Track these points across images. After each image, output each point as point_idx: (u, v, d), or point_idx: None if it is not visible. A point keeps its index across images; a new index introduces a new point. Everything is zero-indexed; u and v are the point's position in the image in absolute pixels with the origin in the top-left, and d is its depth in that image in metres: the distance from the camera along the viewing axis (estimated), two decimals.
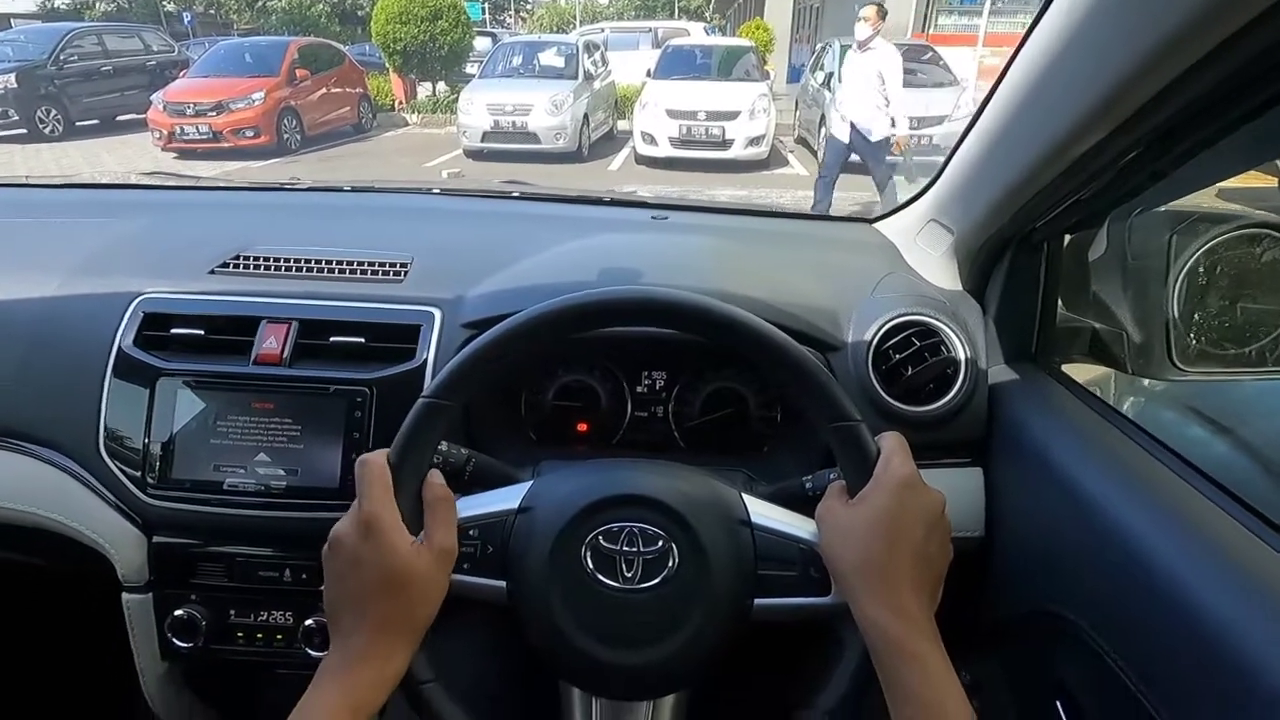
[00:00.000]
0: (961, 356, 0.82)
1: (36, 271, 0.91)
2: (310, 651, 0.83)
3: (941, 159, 0.90)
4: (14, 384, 0.85)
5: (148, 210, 1.08)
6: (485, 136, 8.40)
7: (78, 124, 10.22)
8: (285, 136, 9.14)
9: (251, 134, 8.75)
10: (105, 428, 0.82)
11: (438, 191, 1.24)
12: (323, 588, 0.57)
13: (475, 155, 8.60)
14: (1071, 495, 0.68)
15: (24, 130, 9.63)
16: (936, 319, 0.84)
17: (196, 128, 8.60)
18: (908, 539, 0.54)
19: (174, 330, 0.84)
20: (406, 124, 11.47)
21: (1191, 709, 0.50)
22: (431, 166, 8.35)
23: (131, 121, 10.33)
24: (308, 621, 0.83)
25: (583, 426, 0.92)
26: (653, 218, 1.11)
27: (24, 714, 1.35)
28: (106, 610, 0.87)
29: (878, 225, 1.11)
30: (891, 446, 0.58)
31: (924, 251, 0.95)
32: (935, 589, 0.55)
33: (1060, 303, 0.88)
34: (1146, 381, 0.89)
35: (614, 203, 1.20)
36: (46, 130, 9.80)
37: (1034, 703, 0.74)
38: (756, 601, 0.59)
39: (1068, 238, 0.84)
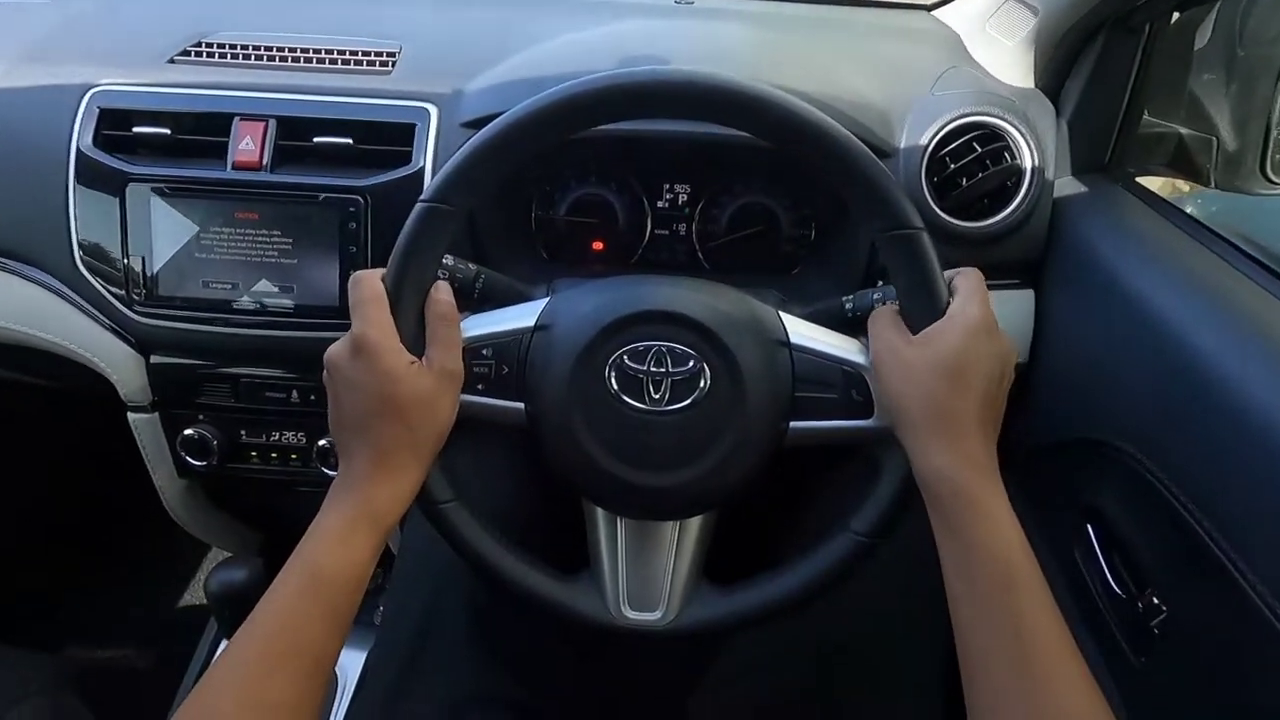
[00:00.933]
0: (1028, 165, 0.73)
1: None
2: (326, 470, 0.83)
3: None
4: None
5: None
6: None
7: None
8: None
9: None
10: (79, 242, 0.75)
11: None
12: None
13: None
14: (1139, 317, 0.62)
15: None
16: (1004, 119, 0.73)
17: None
18: (979, 385, 0.49)
19: (136, 129, 0.74)
20: None
21: (1256, 533, 0.48)
22: None
23: None
24: (321, 442, 0.82)
25: (598, 245, 0.85)
26: (676, 2, 0.96)
27: (57, 530, 1.43)
28: (120, 429, 0.86)
29: (936, 13, 0.96)
30: (972, 286, 0.52)
31: (994, 40, 0.82)
32: (996, 435, 0.51)
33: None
34: (1231, 197, 0.80)
35: None
36: None
37: (1058, 527, 0.74)
38: (793, 424, 0.56)
39: (1174, 19, 0.71)
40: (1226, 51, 0.74)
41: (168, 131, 0.74)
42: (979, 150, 0.73)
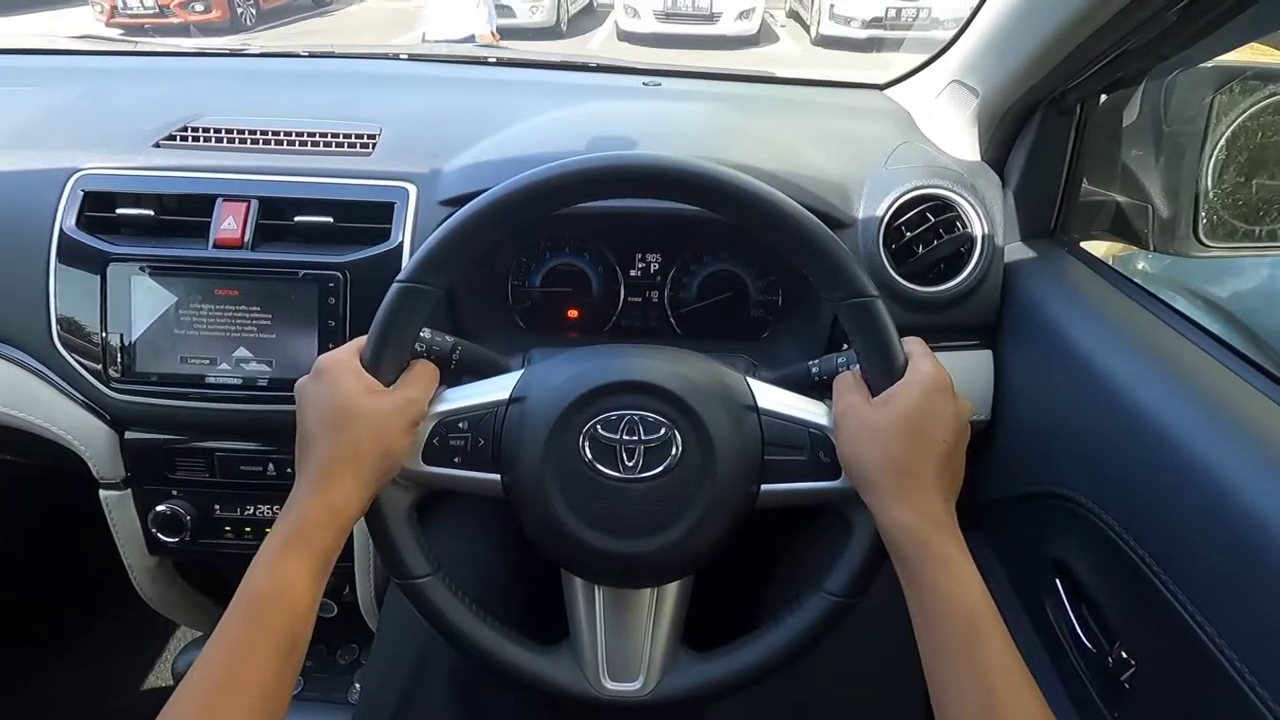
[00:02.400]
0: (978, 233, 0.77)
1: None
2: None
3: (941, 33, 0.82)
4: None
5: (79, 77, 0.97)
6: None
7: None
8: (239, 11, 8.42)
9: (201, 8, 8.05)
10: (58, 319, 0.76)
11: (405, 57, 1.12)
12: None
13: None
14: (1089, 374, 0.65)
15: None
16: (954, 192, 0.78)
17: (141, 1, 7.88)
18: (937, 443, 0.51)
19: (120, 210, 0.76)
20: None
21: (1213, 587, 0.49)
22: (401, 43, 7.78)
23: None
24: (288, 498, 0.81)
25: (573, 313, 0.87)
26: (644, 84, 1.01)
27: (23, 607, 1.37)
28: (91, 506, 0.85)
29: (888, 91, 1.02)
30: (921, 350, 0.55)
31: (942, 117, 0.88)
32: (956, 492, 0.53)
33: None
34: (1168, 260, 0.85)
35: (600, 69, 1.09)
36: None
37: (1028, 581, 0.75)
38: (763, 487, 0.57)
39: (1102, 100, 0.77)
40: (1154, 128, 0.80)
41: (151, 213, 0.76)
42: (932, 220, 0.77)
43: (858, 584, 0.55)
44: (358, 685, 1.00)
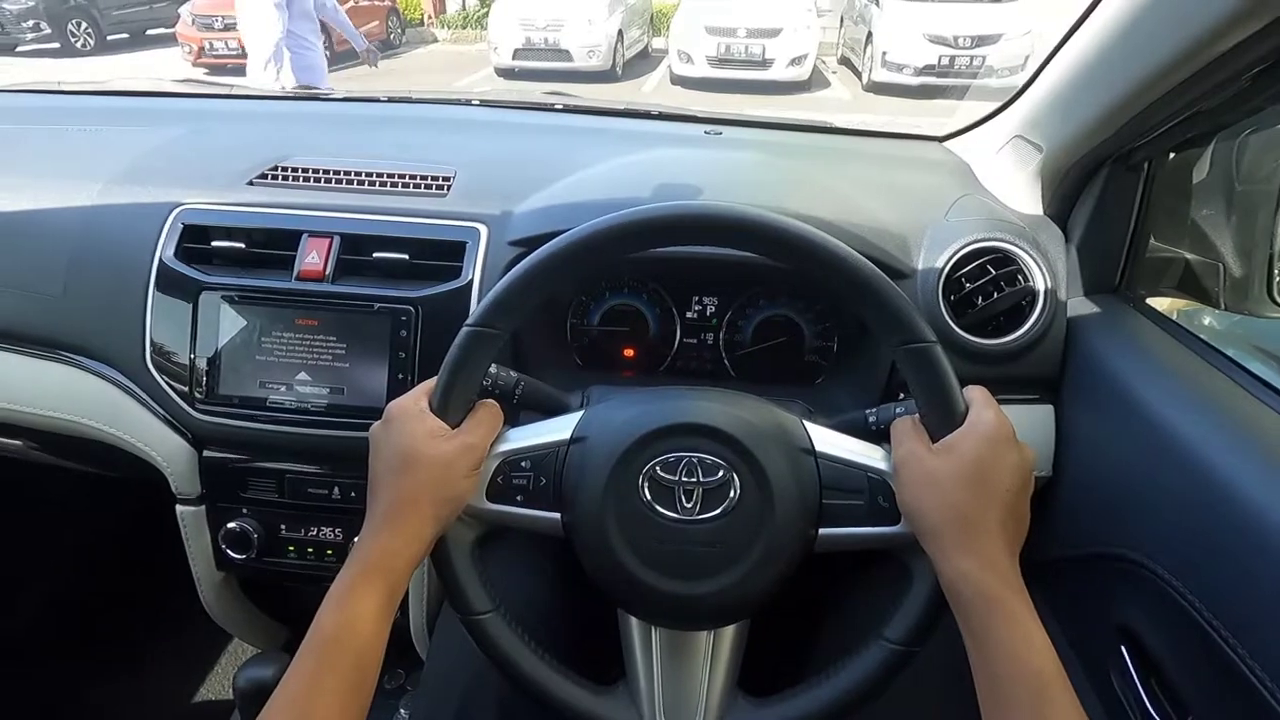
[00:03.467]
0: (1041, 287, 0.77)
1: (76, 180, 0.89)
2: None
3: (994, 81, 0.83)
4: (61, 296, 0.84)
5: (182, 119, 1.05)
6: (516, 54, 8.11)
7: (109, 38, 10.07)
8: None
9: None
10: (151, 342, 0.81)
11: (477, 102, 1.18)
12: None
13: (506, 74, 8.33)
14: (1156, 435, 0.64)
15: (56, 44, 9.51)
16: (1016, 245, 0.78)
17: (225, 43, 8.39)
18: (1000, 493, 0.50)
19: (214, 243, 0.81)
20: (436, 40, 11.13)
21: None
22: (462, 86, 8.11)
23: (162, 36, 10.15)
24: (356, 539, 0.84)
25: (629, 352, 0.89)
26: (705, 132, 1.04)
27: (91, 612, 1.43)
28: (162, 519, 0.89)
29: (948, 144, 1.03)
30: (983, 398, 0.54)
31: (1003, 171, 0.88)
32: (1020, 543, 0.52)
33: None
34: (1239, 319, 0.83)
35: (662, 116, 1.13)
36: (78, 44, 9.65)
37: (1090, 646, 0.72)
38: (821, 531, 0.57)
39: (1170, 157, 0.77)
40: (1225, 185, 0.79)
41: (242, 245, 0.81)
42: (993, 273, 0.77)
43: (919, 633, 0.55)
44: (403, 711, 1.02)
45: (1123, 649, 0.66)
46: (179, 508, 0.86)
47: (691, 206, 0.57)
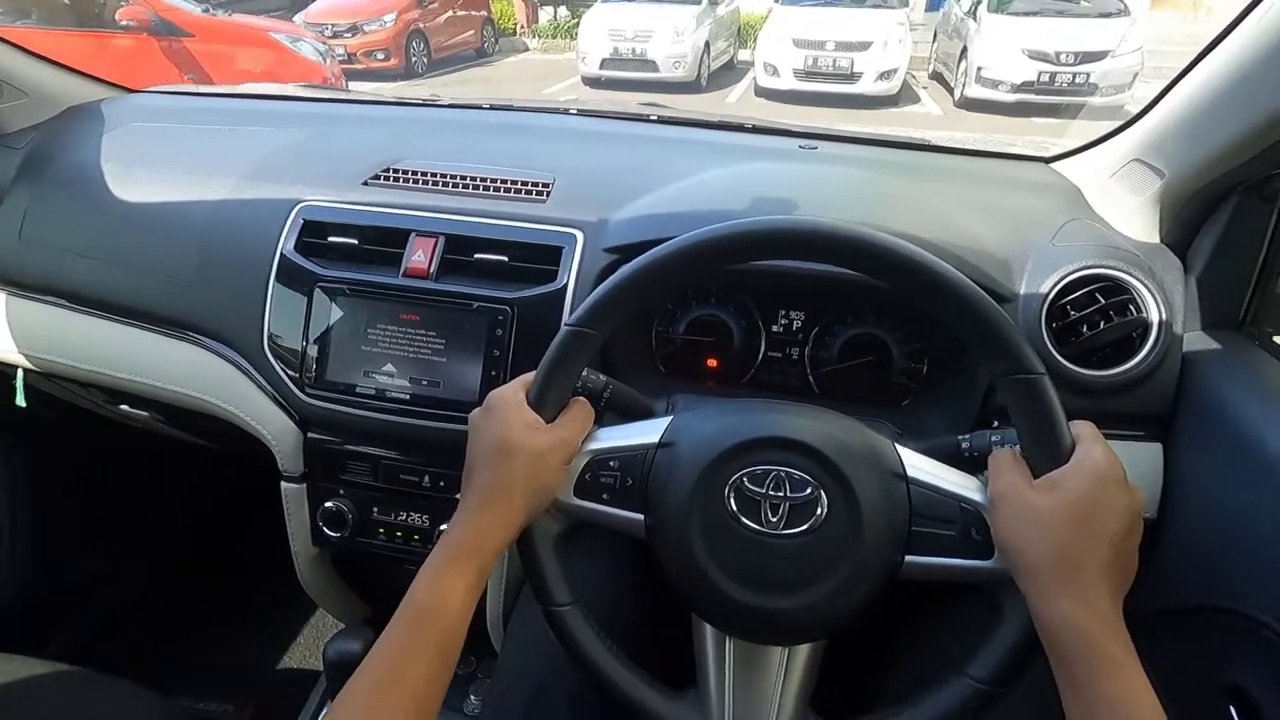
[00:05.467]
0: (1155, 319, 0.73)
1: (209, 176, 0.97)
2: None
3: (1098, 99, 0.79)
4: (191, 281, 0.92)
5: (305, 121, 1.12)
6: (604, 64, 8.26)
7: None
8: (413, 60, 9.34)
9: (382, 56, 8.99)
10: (269, 328, 0.87)
11: (574, 112, 1.21)
12: None
13: (593, 83, 8.49)
14: (1278, 482, 0.60)
15: None
16: (1129, 274, 0.74)
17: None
18: (1107, 535, 0.48)
19: (330, 238, 0.87)
20: (527, 49, 11.45)
21: None
22: (550, 94, 8.32)
23: None
24: (443, 526, 0.88)
25: (712, 362, 0.90)
26: (800, 146, 1.04)
27: (191, 579, 1.55)
28: (265, 497, 0.95)
29: (1056, 165, 0.99)
30: (1092, 434, 0.52)
31: (1117, 196, 0.84)
32: (1125, 590, 0.50)
33: None
34: None
35: (756, 129, 1.14)
36: None
37: (1195, 704, 0.68)
38: (908, 559, 0.56)
39: None
40: None
41: (355, 242, 0.86)
42: (1103, 301, 0.74)
43: (1006, 673, 0.53)
44: (473, 697, 1.05)
45: (1232, 710, 0.62)
46: (283, 484, 0.92)
47: (798, 221, 0.57)
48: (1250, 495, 0.64)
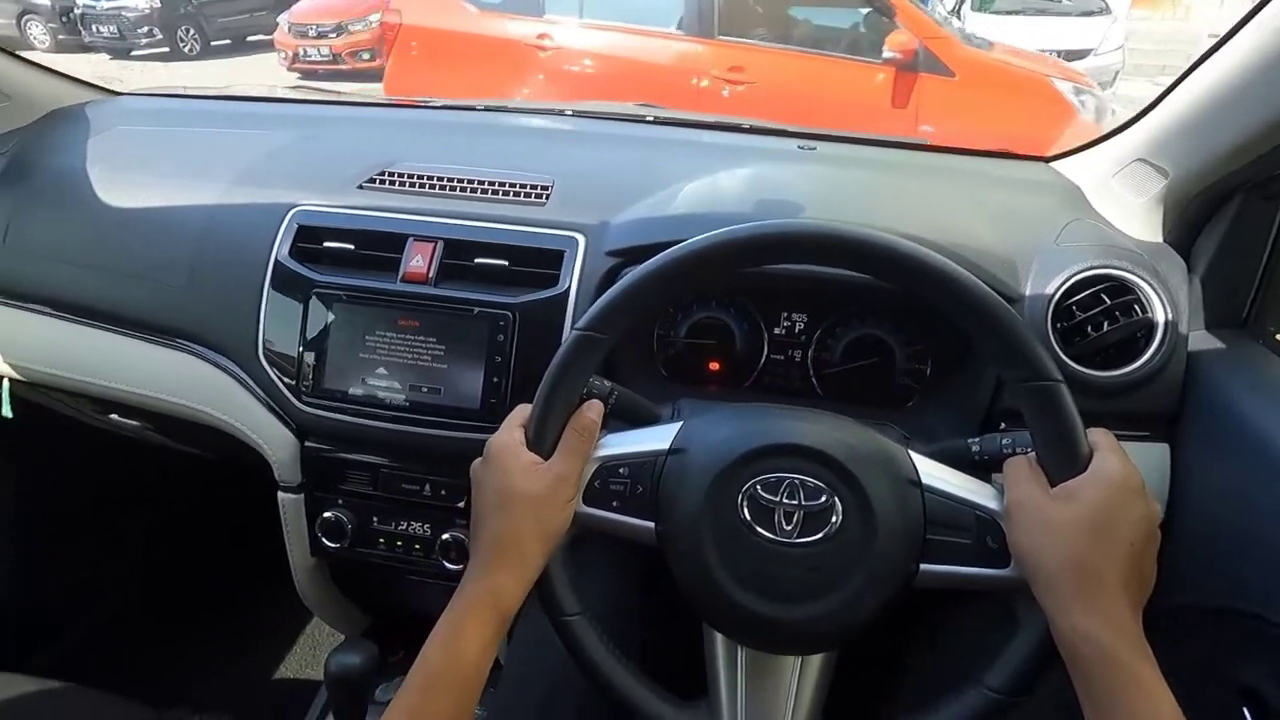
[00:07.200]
0: (1161, 318, 0.73)
1: (199, 180, 0.95)
2: (446, 564, 0.86)
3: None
4: (183, 288, 0.90)
5: (296, 124, 1.10)
6: None
7: (213, 43, 10.72)
8: None
9: (368, 56, 8.91)
10: (264, 335, 0.85)
11: (570, 113, 1.20)
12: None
13: None
14: None
15: (166, 49, 10.19)
16: (1134, 274, 0.74)
17: (318, 49, 8.81)
18: (1125, 546, 0.48)
19: (326, 244, 0.85)
20: None
21: None
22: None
23: (260, 42, 10.72)
24: (444, 535, 0.86)
25: (715, 366, 0.89)
26: (799, 147, 1.03)
27: (189, 588, 1.52)
28: (262, 507, 0.94)
29: (1055, 165, 0.99)
30: (1109, 444, 0.52)
31: (1119, 196, 0.84)
32: (1144, 601, 0.49)
33: None
34: None
35: (754, 130, 1.13)
36: (186, 49, 10.31)
37: (1206, 705, 0.68)
38: (923, 567, 0.55)
39: None
40: None
41: (352, 247, 0.84)
42: (1108, 302, 0.74)
43: (1023, 682, 0.52)
44: (480, 710, 1.03)
45: (1245, 711, 0.62)
46: (280, 494, 0.90)
47: (811, 225, 0.56)
48: (1257, 494, 0.64)
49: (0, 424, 1.06)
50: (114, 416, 1.07)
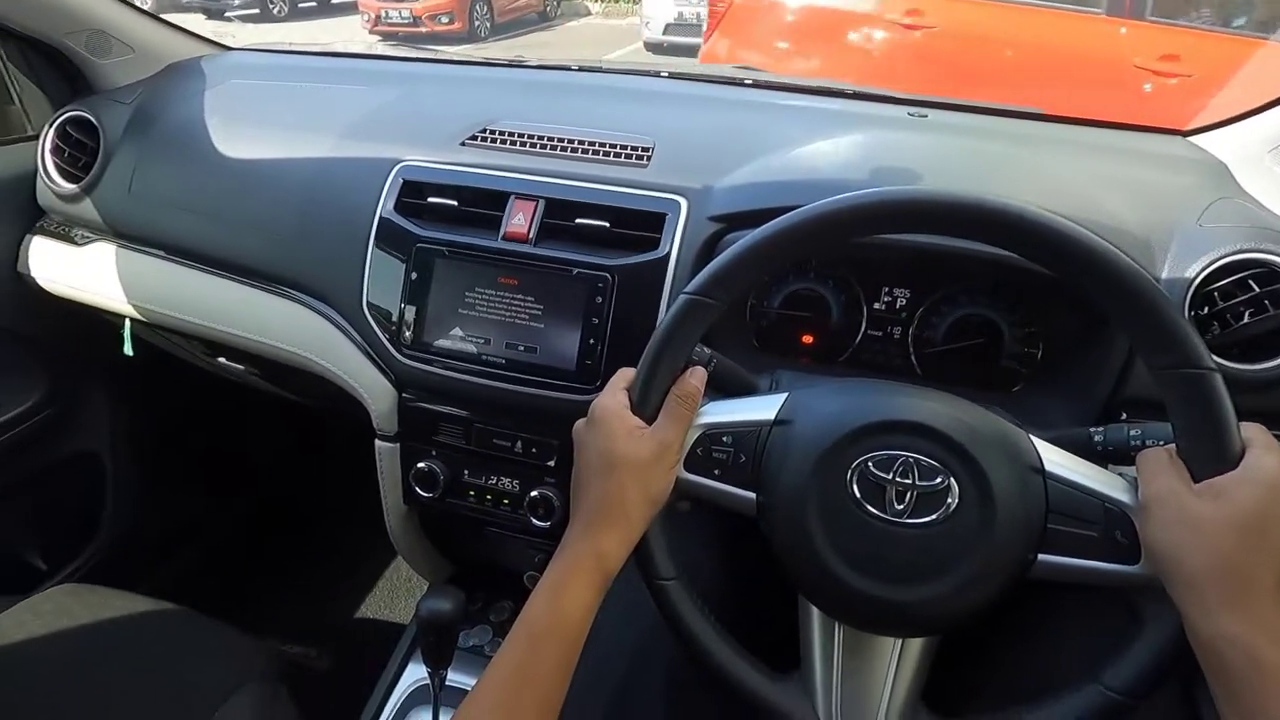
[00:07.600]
0: None
1: (308, 134, 0.97)
2: (534, 520, 0.88)
3: None
4: (292, 239, 0.93)
5: (398, 80, 1.12)
6: (668, 29, 8.09)
7: (300, 5, 11.05)
8: (476, 24, 9.35)
9: (447, 20, 9.02)
10: (368, 287, 0.87)
11: (665, 75, 1.17)
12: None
13: (655, 48, 8.34)
14: None
15: (256, 10, 10.56)
16: None
17: (399, 12, 8.98)
18: (1278, 549, 0.45)
19: (430, 199, 0.86)
20: (589, 13, 11.32)
21: None
22: (613, 60, 8.20)
23: (344, 4, 10.98)
24: (533, 493, 0.88)
25: (808, 339, 0.86)
26: (909, 114, 0.98)
27: (287, 529, 1.61)
28: (355, 454, 0.97)
29: (1195, 139, 0.91)
30: (1265, 441, 0.48)
31: (1275, 173, 0.77)
32: None
33: None
34: None
35: (857, 95, 1.08)
36: (275, 10, 10.67)
37: None
38: (1040, 557, 0.53)
39: None
40: None
41: (454, 203, 0.85)
42: (1256, 289, 0.68)
43: (1145, 685, 0.50)
44: None
45: None
46: (378, 443, 0.93)
47: (943, 193, 0.53)
48: None
49: (121, 361, 1.13)
50: (222, 360, 1.13)
